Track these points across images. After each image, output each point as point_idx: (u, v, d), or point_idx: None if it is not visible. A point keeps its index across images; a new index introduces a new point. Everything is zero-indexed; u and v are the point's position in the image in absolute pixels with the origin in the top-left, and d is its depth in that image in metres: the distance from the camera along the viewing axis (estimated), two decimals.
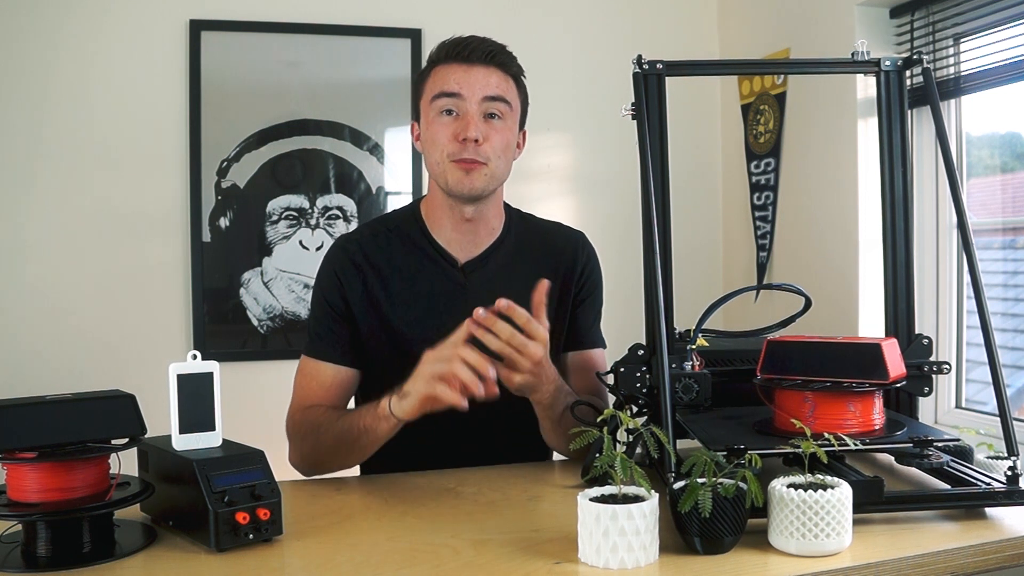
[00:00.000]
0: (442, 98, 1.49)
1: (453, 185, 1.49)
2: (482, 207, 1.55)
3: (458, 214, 1.55)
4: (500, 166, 1.51)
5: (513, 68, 1.53)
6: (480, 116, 1.48)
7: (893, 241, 1.47)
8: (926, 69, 1.43)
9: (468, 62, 1.49)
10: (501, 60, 1.51)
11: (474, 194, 1.50)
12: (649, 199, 1.34)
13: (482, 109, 1.48)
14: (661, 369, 1.24)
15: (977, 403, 2.45)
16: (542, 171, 3.11)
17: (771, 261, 2.98)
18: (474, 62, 1.49)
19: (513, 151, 1.55)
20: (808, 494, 1.03)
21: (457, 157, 1.47)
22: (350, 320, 1.55)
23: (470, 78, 1.48)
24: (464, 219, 1.55)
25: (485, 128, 1.48)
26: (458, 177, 1.48)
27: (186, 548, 1.12)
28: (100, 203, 2.79)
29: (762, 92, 3.00)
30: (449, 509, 1.29)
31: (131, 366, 2.72)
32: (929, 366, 1.42)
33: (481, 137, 1.47)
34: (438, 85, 1.50)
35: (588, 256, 1.67)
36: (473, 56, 1.49)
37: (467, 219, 1.55)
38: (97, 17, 2.78)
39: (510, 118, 1.52)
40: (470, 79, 1.48)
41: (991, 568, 1.08)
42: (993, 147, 2.49)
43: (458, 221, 1.56)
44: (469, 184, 1.49)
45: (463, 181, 1.48)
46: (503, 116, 1.50)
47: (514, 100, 1.53)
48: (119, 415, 1.15)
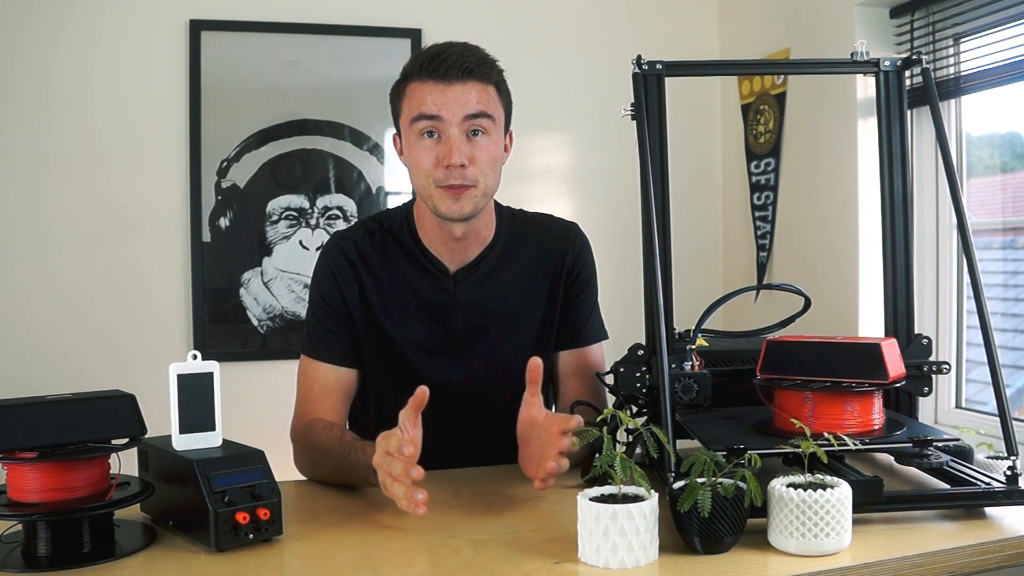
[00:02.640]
0: (421, 120, 1.42)
1: (443, 211, 1.44)
2: (472, 223, 1.50)
3: (447, 232, 1.50)
4: (490, 182, 1.46)
5: (493, 77, 1.45)
6: (463, 136, 1.42)
7: (893, 241, 1.47)
8: (926, 69, 1.43)
9: (445, 80, 1.40)
10: (480, 73, 1.42)
11: (465, 217, 1.46)
12: (649, 199, 1.34)
13: (464, 128, 1.41)
14: (661, 369, 1.24)
15: (977, 403, 2.45)
16: (542, 171, 3.11)
17: (771, 261, 2.98)
18: (451, 80, 1.40)
19: (501, 160, 1.49)
20: (808, 494, 1.03)
21: (444, 184, 1.42)
22: (348, 319, 1.53)
23: (448, 98, 1.40)
24: (454, 237, 1.51)
25: (469, 149, 1.42)
26: (448, 204, 1.43)
27: (186, 548, 1.12)
28: (100, 203, 2.80)
29: (762, 92, 3.00)
30: (449, 509, 1.29)
31: (131, 366, 2.73)
32: (929, 366, 1.42)
33: (466, 160, 1.41)
34: (416, 106, 1.42)
35: (579, 248, 1.61)
36: (450, 73, 1.40)
37: (457, 238, 1.51)
38: (97, 17, 2.78)
39: (494, 131, 1.45)
40: (448, 99, 1.40)
41: (991, 568, 1.08)
42: (993, 147, 2.49)
43: (447, 238, 1.51)
44: (459, 209, 1.43)
45: (453, 208, 1.43)
46: (487, 131, 1.44)
47: (496, 111, 1.46)
48: (119, 415, 1.15)
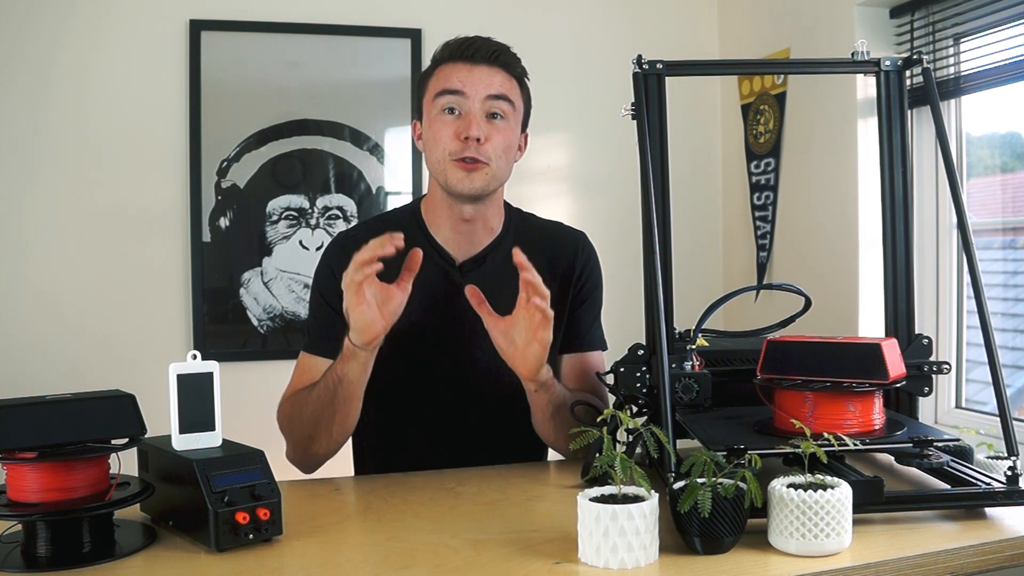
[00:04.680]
0: (445, 96, 1.48)
1: (454, 184, 1.49)
2: (481, 207, 1.54)
3: (457, 213, 1.54)
4: (501, 166, 1.51)
5: (517, 69, 1.53)
6: (483, 115, 1.48)
7: (893, 241, 1.47)
8: (926, 69, 1.43)
9: (472, 61, 1.49)
10: (505, 60, 1.51)
11: (474, 193, 1.49)
12: (649, 199, 1.34)
13: (485, 108, 1.48)
14: (661, 369, 1.24)
15: (977, 403, 2.45)
16: (542, 171, 3.11)
17: (771, 261, 2.98)
18: (478, 61, 1.49)
19: (514, 152, 1.55)
20: (808, 494, 1.03)
21: (459, 156, 1.47)
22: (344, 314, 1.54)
23: (473, 77, 1.48)
24: (463, 219, 1.54)
25: (487, 128, 1.48)
26: (459, 176, 1.48)
27: (186, 548, 1.12)
28: (100, 203, 2.80)
29: (762, 92, 3.00)
30: (449, 509, 1.29)
31: (131, 366, 2.71)
32: (929, 366, 1.42)
33: (483, 136, 1.46)
34: (441, 83, 1.49)
35: (588, 256, 1.66)
36: (478, 55, 1.49)
37: (466, 219, 1.54)
38: (97, 17, 2.78)
39: (512, 119, 1.52)
40: (473, 77, 1.48)
41: (991, 568, 1.08)
42: (993, 147, 2.49)
43: (457, 221, 1.55)
44: (470, 184, 1.48)
45: (463, 181, 1.48)
46: (506, 116, 1.50)
47: (517, 100, 1.53)
48: (119, 415, 1.15)
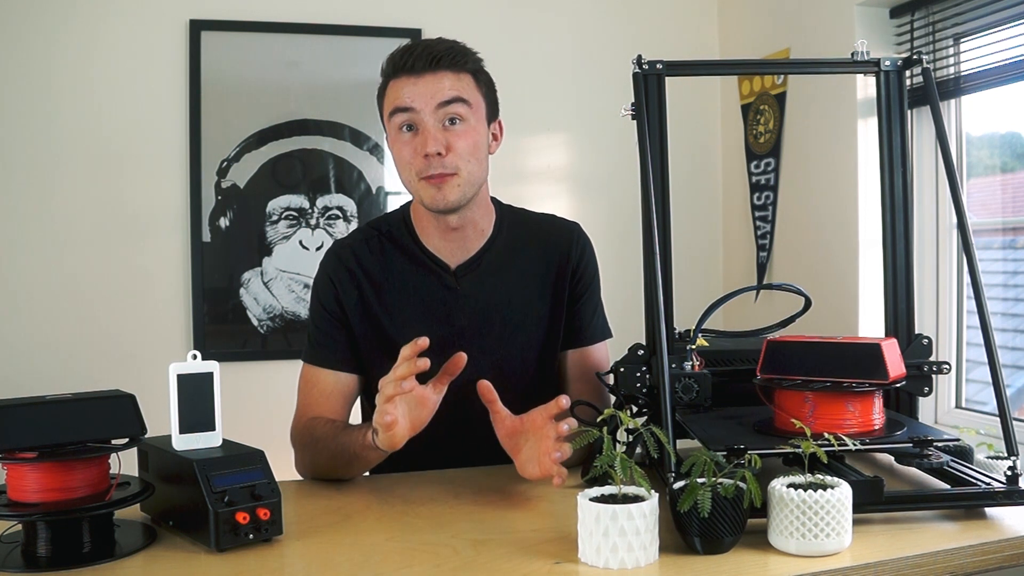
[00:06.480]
0: (398, 114, 1.44)
1: (428, 202, 1.45)
2: (466, 213, 1.51)
3: (443, 224, 1.51)
4: (473, 170, 1.45)
5: (467, 65, 1.46)
6: (438, 126, 1.42)
7: (893, 241, 1.46)
8: (926, 69, 1.43)
9: (414, 72, 1.42)
10: (449, 62, 1.44)
11: (450, 207, 1.46)
12: (649, 199, 1.34)
13: (439, 117, 1.42)
14: (661, 369, 1.24)
15: (977, 403, 2.45)
16: (542, 171, 3.10)
17: (771, 261, 2.98)
18: (420, 71, 1.42)
19: (485, 149, 1.49)
20: (808, 494, 1.03)
21: (424, 174, 1.43)
22: (347, 325, 1.53)
23: (419, 89, 1.42)
24: (450, 228, 1.52)
25: (445, 137, 1.42)
26: (431, 193, 1.44)
27: (186, 548, 1.12)
28: (100, 203, 2.80)
29: (762, 92, 3.00)
30: (449, 509, 1.29)
31: (131, 366, 2.72)
32: (929, 366, 1.42)
33: (443, 149, 1.42)
34: (391, 101, 1.45)
35: (583, 248, 1.61)
36: (418, 65, 1.42)
37: (453, 227, 1.52)
38: (97, 17, 2.78)
39: (473, 117, 1.45)
40: (419, 90, 1.42)
41: (991, 568, 1.08)
42: (993, 147, 2.49)
43: (444, 230, 1.52)
44: (443, 199, 1.44)
45: (436, 197, 1.44)
46: (464, 118, 1.44)
47: (473, 97, 1.46)
48: (119, 415, 1.15)
